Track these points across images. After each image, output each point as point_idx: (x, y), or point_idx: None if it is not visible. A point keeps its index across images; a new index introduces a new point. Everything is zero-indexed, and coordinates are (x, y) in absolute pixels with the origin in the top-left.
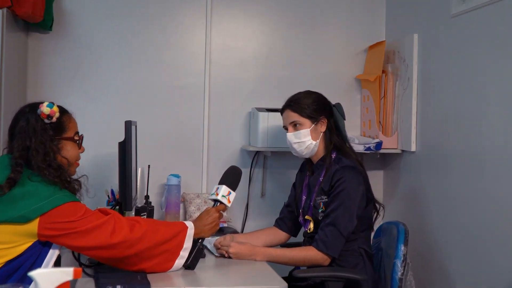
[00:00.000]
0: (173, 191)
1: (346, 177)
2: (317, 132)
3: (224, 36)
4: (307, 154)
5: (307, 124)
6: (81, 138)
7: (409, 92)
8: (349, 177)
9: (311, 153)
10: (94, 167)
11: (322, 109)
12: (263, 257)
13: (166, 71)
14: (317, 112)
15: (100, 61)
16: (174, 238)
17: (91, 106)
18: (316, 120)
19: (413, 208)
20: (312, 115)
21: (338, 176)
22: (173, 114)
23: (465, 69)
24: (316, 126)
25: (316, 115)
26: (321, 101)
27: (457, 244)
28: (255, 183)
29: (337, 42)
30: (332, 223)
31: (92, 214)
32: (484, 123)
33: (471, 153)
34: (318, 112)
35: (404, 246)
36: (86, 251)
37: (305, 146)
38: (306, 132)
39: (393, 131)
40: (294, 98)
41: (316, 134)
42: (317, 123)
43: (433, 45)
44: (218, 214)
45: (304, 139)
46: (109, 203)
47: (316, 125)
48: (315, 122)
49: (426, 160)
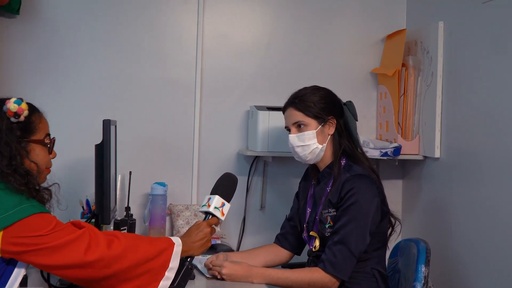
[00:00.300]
0: (158, 202)
1: (358, 188)
2: (324, 134)
3: (219, 22)
4: (311, 159)
5: (312, 125)
6: (52, 142)
7: (433, 89)
8: (361, 188)
9: (317, 158)
10: (67, 174)
11: (331, 108)
12: (261, 280)
13: (151, 62)
14: (325, 112)
15: (75, 50)
16: (158, 256)
17: (63, 102)
18: (323, 121)
19: (436, 223)
20: (319, 114)
21: (348, 187)
22: (158, 113)
23: (498, 62)
24: (323, 128)
25: (324, 115)
26: (330, 98)
27: (488, 266)
28: (253, 193)
29: (349, 30)
30: (341, 241)
31: (63, 227)
32: None
33: (505, 160)
34: (326, 112)
35: (425, 267)
36: (57, 270)
37: (310, 151)
38: (311, 135)
39: (414, 134)
40: (298, 94)
41: (323, 137)
42: (325, 124)
43: (461, 35)
44: (209, 229)
45: (309, 142)
46: (84, 215)
47: (323, 127)
48: (322, 123)
49: (452, 168)
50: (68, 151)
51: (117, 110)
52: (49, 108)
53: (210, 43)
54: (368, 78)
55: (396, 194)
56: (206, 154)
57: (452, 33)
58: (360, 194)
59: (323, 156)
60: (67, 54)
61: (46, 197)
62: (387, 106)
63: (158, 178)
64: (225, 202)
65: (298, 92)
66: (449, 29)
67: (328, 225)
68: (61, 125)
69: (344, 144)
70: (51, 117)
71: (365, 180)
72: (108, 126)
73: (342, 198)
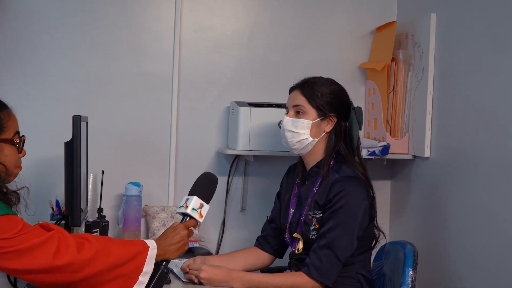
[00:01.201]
0: (132, 203)
1: (347, 190)
2: (320, 129)
3: (198, 13)
4: (297, 149)
5: (311, 115)
6: (22, 141)
7: (424, 85)
8: (351, 190)
9: (302, 151)
10: (36, 173)
11: (338, 106)
12: (241, 284)
13: (125, 55)
14: (329, 106)
15: (43, 42)
16: (132, 260)
17: (31, 98)
18: (324, 115)
19: (426, 225)
20: (322, 107)
21: (337, 189)
22: (133, 109)
23: (493, 57)
24: (320, 122)
25: (327, 110)
26: (341, 96)
27: (478, 270)
28: (233, 194)
29: (336, 22)
30: (328, 246)
31: (31, 230)
32: None
33: (498, 159)
34: (331, 107)
35: (412, 271)
36: (24, 275)
37: (298, 140)
38: (306, 124)
39: (403, 133)
40: (310, 80)
41: (318, 131)
42: (324, 119)
43: (454, 28)
44: (187, 232)
45: (301, 130)
46: (54, 217)
47: (321, 121)
48: (322, 117)
49: (443, 168)
50: (37, 149)
51: (89, 106)
52: (16, 104)
53: (189, 35)
54: (356, 73)
55: (384, 195)
56: (183, 152)
57: (445, 26)
58: (349, 197)
59: (312, 151)
60: (36, 47)
61: (13, 200)
62: (376, 102)
63: (133, 178)
64: (204, 203)
65: (311, 77)
66: (442, 21)
67: (313, 227)
68: (29, 122)
69: (340, 147)
70: (19, 113)
71: (354, 183)
72: (78, 122)
73: (330, 200)
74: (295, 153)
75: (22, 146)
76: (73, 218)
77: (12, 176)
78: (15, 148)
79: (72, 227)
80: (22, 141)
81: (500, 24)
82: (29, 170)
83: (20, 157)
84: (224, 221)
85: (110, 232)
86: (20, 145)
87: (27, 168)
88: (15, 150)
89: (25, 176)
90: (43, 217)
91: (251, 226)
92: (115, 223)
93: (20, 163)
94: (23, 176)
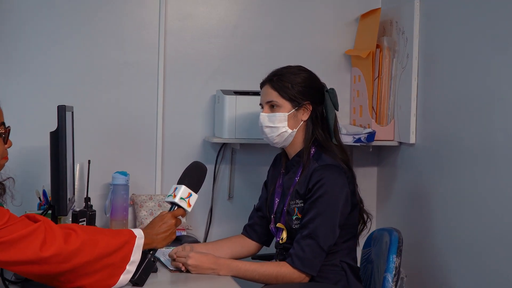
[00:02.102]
0: (119, 192)
1: (326, 179)
2: (297, 119)
3: (183, 1)
4: (278, 143)
5: (286, 108)
6: (7, 131)
7: (409, 72)
8: (330, 179)
9: (284, 143)
10: (22, 163)
11: (310, 93)
12: (228, 271)
13: (110, 44)
14: (301, 95)
15: (26, 31)
16: (119, 250)
17: (15, 88)
18: (298, 105)
19: (412, 212)
20: (295, 98)
21: (316, 178)
22: (119, 98)
23: (478, 44)
24: (296, 112)
25: (300, 99)
26: (312, 82)
27: (463, 256)
28: (220, 182)
29: (321, 10)
30: (309, 236)
31: (17, 221)
32: (499, 111)
33: (483, 146)
34: (303, 96)
35: (396, 257)
36: (11, 266)
37: (278, 133)
38: (282, 117)
39: (389, 119)
40: (278, 72)
41: (295, 121)
42: (299, 108)
43: (438, 14)
44: (174, 221)
45: (279, 124)
46: (41, 207)
47: (297, 111)
48: (297, 107)
49: (428, 154)
50: (23, 139)
51: (75, 96)
52: (0, 94)
53: (174, 23)
54: (341, 60)
55: (370, 182)
56: (170, 141)
57: (429, 13)
58: (328, 185)
59: (292, 142)
60: (19, 36)
61: None
62: (361, 90)
63: (119, 167)
64: (192, 193)
65: (279, 69)
66: (426, 8)
67: (295, 217)
68: (15, 112)
69: (317, 133)
70: (3, 104)
71: (333, 171)
72: (63, 112)
73: (310, 190)
74: (278, 147)
75: (7, 137)
76: (59, 207)
77: None
78: (1, 139)
79: (59, 216)
80: (7, 132)
81: (484, 11)
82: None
83: (6, 147)
84: (211, 209)
85: (98, 222)
86: (6, 136)
87: (14, 159)
88: (1, 141)
89: (12, 166)
90: (30, 207)
91: (238, 214)
92: (103, 213)
93: (6, 154)
94: (9, 167)
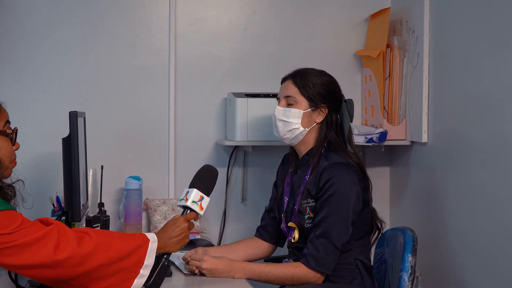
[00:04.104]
0: (133, 197)
1: (336, 177)
2: (311, 120)
3: (192, 4)
4: (288, 139)
5: (303, 105)
6: (14, 131)
7: (419, 71)
8: (340, 177)
9: (293, 141)
10: (35, 170)
11: (329, 97)
12: (243, 274)
13: (120, 48)
14: (321, 97)
15: (39, 36)
16: (132, 254)
17: (27, 94)
18: (315, 105)
19: (425, 211)
20: (314, 98)
21: (326, 176)
22: (130, 103)
23: (488, 42)
24: (312, 112)
25: (318, 100)
26: (332, 88)
27: (476, 255)
28: (234, 185)
29: (331, 11)
30: (323, 235)
31: (30, 225)
32: (511, 108)
33: (495, 144)
34: (322, 98)
35: (412, 257)
36: (25, 270)
37: (290, 129)
38: (297, 113)
39: (400, 119)
40: (302, 71)
41: (309, 121)
42: (315, 109)
43: (448, 13)
44: (187, 224)
45: (292, 120)
46: (55, 213)
47: (312, 111)
48: (314, 107)
49: (441, 153)
50: (36, 146)
51: (87, 101)
52: (13, 100)
53: (184, 27)
54: (352, 60)
55: (383, 182)
56: (182, 145)
57: (438, 11)
58: (339, 183)
59: (303, 141)
60: (32, 43)
61: (10, 193)
62: (372, 89)
63: (133, 171)
64: (204, 196)
65: (303, 68)
66: (435, 7)
67: (307, 216)
68: (26, 118)
69: (331, 136)
70: (15, 110)
71: (343, 168)
72: (75, 118)
73: (321, 189)
74: (286, 143)
75: (15, 138)
76: (73, 213)
77: (7, 170)
78: (8, 139)
79: (73, 222)
80: (14, 132)
81: (494, 8)
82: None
83: (14, 149)
84: (225, 212)
85: (112, 227)
86: (13, 136)
87: (27, 164)
88: (8, 142)
89: (25, 172)
90: (44, 213)
91: (252, 216)
92: (116, 218)
93: (14, 157)
94: (21, 172)
